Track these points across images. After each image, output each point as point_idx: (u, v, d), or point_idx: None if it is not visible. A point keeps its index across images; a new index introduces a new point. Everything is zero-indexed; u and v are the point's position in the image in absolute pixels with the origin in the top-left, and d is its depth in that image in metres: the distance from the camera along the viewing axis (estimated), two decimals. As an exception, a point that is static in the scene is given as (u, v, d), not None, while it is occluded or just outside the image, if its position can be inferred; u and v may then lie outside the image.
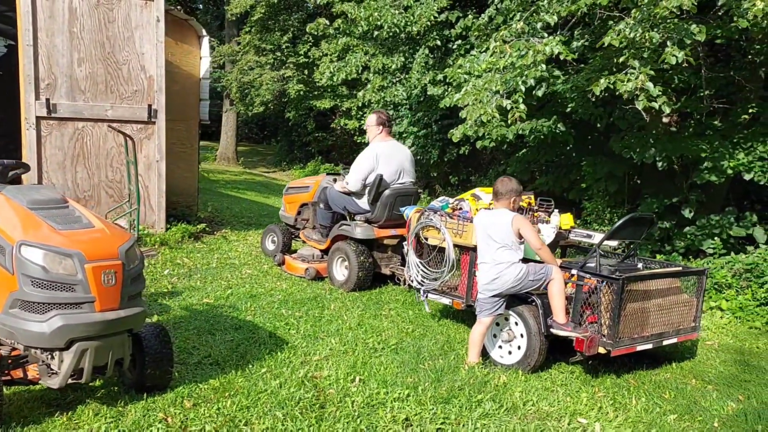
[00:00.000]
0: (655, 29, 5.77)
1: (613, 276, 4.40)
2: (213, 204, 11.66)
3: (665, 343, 4.81)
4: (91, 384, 3.80)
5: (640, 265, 5.15)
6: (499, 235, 4.66)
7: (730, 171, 7.69)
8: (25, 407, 3.52)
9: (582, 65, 8.41)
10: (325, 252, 7.18)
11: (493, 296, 4.67)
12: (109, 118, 7.51)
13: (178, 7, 16.31)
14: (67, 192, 7.24)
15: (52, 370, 3.29)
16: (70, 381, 3.30)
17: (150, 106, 7.69)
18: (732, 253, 7.62)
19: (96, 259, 3.26)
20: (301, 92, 18.92)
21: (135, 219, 7.17)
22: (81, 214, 3.57)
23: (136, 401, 3.66)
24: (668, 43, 5.63)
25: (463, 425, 3.71)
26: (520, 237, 4.66)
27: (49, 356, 3.26)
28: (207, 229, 8.94)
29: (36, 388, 3.71)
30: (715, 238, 7.91)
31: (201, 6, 30.56)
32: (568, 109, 8.71)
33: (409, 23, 10.14)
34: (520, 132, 9.37)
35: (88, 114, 7.45)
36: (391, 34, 10.50)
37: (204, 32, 9.09)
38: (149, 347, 3.70)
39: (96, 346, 3.27)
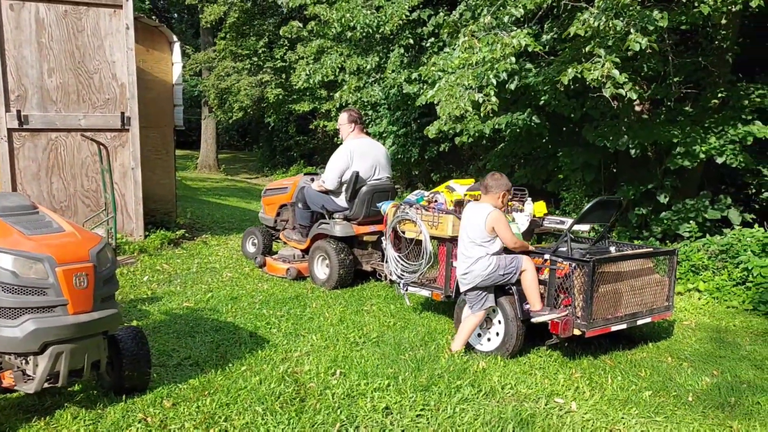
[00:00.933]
0: (619, 17, 5.86)
1: (584, 259, 4.47)
2: (193, 210, 11.63)
3: (639, 322, 4.89)
4: (68, 388, 3.80)
5: (612, 249, 5.23)
6: (472, 230, 4.70)
7: (702, 155, 7.81)
8: (2, 414, 3.51)
9: (552, 57, 8.51)
10: (305, 251, 7.20)
11: (472, 290, 4.71)
12: (82, 128, 7.48)
13: (153, 17, 16.27)
14: (43, 203, 7.20)
15: (27, 375, 3.29)
16: (46, 385, 3.30)
17: (123, 113, 7.68)
18: (708, 236, 7.74)
19: (67, 263, 3.26)
20: (280, 96, 18.93)
21: (112, 227, 7.14)
22: (51, 219, 3.57)
23: (115, 403, 3.66)
24: (632, 30, 5.72)
25: (443, 410, 3.76)
26: (495, 233, 4.70)
27: (24, 361, 3.26)
28: (187, 235, 8.93)
29: (13, 396, 3.70)
30: (691, 221, 8.03)
31: (175, 15, 30.46)
32: (542, 102, 8.80)
33: (381, 23, 10.18)
34: (497, 126, 9.45)
35: (60, 124, 7.42)
36: (364, 34, 10.53)
37: (175, 38, 9.08)
38: (126, 349, 3.70)
39: (71, 349, 3.27)
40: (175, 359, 4.47)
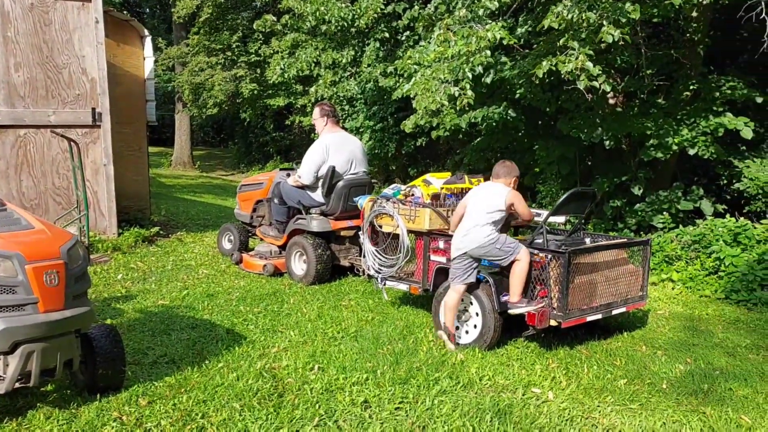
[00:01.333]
0: (592, 10, 5.90)
1: (560, 250, 4.50)
2: (168, 208, 11.50)
3: (614, 312, 4.94)
4: (42, 388, 3.72)
5: (587, 240, 5.28)
6: (487, 202, 4.73)
7: (675, 147, 7.92)
8: (-28, 416, 3.44)
9: (527, 51, 8.55)
10: (282, 247, 7.15)
11: (462, 257, 4.69)
12: (52, 124, 7.34)
13: (124, 11, 16.00)
14: (13, 201, 7.05)
15: (-2, 375, 3.22)
16: (17, 385, 3.23)
17: (94, 109, 7.54)
18: (681, 226, 7.86)
19: (37, 260, 3.20)
20: (255, 91, 18.75)
21: (85, 225, 7.02)
22: (20, 216, 3.50)
23: (90, 402, 3.61)
24: (604, 22, 5.77)
25: (421, 403, 3.76)
26: (509, 211, 4.77)
27: (-6, 361, 3.19)
28: (161, 232, 8.82)
29: (-17, 397, 3.62)
30: (664, 213, 8.15)
31: (147, 9, 30.04)
32: (517, 95, 8.85)
33: (356, 16, 10.14)
34: (473, 120, 9.49)
35: (29, 120, 7.27)
36: (339, 28, 10.49)
37: (146, 32, 8.94)
38: (100, 347, 3.64)
39: (42, 348, 3.21)
40: (150, 357, 4.41)
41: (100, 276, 6.61)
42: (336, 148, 6.68)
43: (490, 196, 4.77)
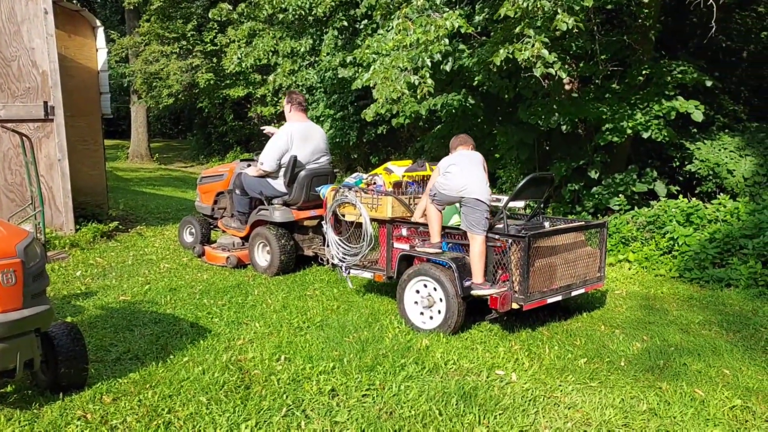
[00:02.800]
0: (547, -3, 5.98)
1: (520, 235, 4.60)
2: (126, 202, 11.29)
3: (574, 294, 5.08)
4: (1, 390, 3.65)
5: (546, 224, 5.39)
6: (484, 165, 5.16)
7: (629, 131, 8.11)
8: (-71, 421, 3.35)
9: (485, 38, 8.62)
10: (245, 239, 7.11)
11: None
12: (1, 119, 7.12)
13: (74, 1, 15.53)
14: (-37, 199, 6.84)
15: (-46, 378, 3.15)
16: (-24, 388, 3.17)
17: (46, 103, 7.34)
18: (636, 208, 8.07)
19: (-8, 259, 3.12)
20: (212, 81, 18.45)
21: (40, 222, 6.86)
22: (-27, 214, 3.41)
23: (52, 402, 3.56)
24: (558, 10, 5.86)
25: (388, 389, 3.81)
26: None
27: (-50, 364, 3.12)
28: (120, 227, 8.67)
29: (-60, 401, 3.53)
30: (620, 195, 8.35)
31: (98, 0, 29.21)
32: (476, 83, 8.92)
33: (314, 5, 10.07)
34: (432, 107, 9.54)
35: (-22, 115, 7.05)
36: (296, 16, 10.41)
37: (98, 23, 8.73)
38: (61, 346, 3.58)
39: (1, 349, 3.15)
40: (113, 354, 4.36)
41: (58, 273, 6.47)
42: (300, 138, 6.65)
43: (483, 161, 5.13)
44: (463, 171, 4.88)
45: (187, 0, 19.41)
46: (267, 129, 7.22)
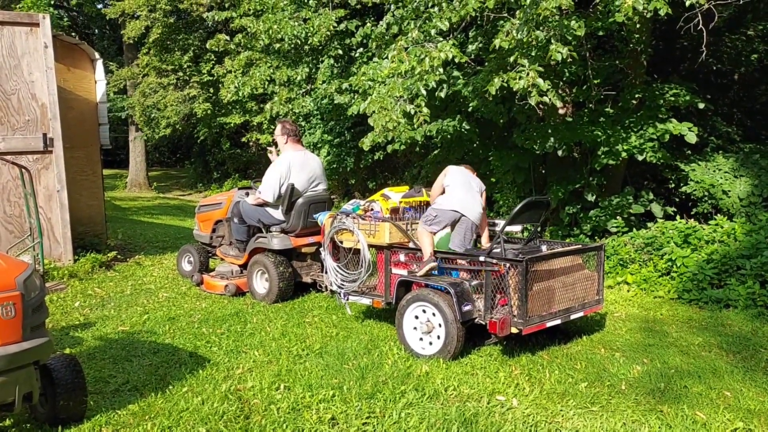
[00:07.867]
0: (540, 28, 6.08)
1: (517, 259, 4.62)
2: (124, 231, 11.29)
3: (573, 317, 5.08)
4: (0, 424, 3.63)
5: (543, 248, 5.42)
6: (478, 183, 5.81)
7: (624, 154, 8.17)
8: (-73, 456, 3.33)
9: (479, 67, 8.74)
10: (243, 267, 7.11)
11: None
12: (1, 151, 7.16)
13: (73, 34, 15.73)
14: (-38, 231, 6.85)
15: (-47, 412, 3.14)
16: (-26, 422, 3.16)
17: (45, 134, 7.40)
18: (634, 230, 8.11)
19: (-9, 292, 3.13)
20: (208, 111, 18.61)
21: (39, 253, 6.87)
22: (-28, 247, 3.42)
23: (51, 435, 3.53)
24: (552, 40, 5.95)
25: (388, 416, 3.80)
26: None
27: (-51, 398, 3.11)
28: (119, 256, 8.67)
29: (-62, 436, 3.51)
30: (618, 217, 8.39)
31: (96, 31, 29.53)
32: (471, 108, 9.02)
33: (309, 34, 10.19)
34: (428, 133, 9.62)
35: (-23, 148, 7.09)
36: (292, 46, 10.52)
37: (97, 55, 8.83)
38: (60, 378, 3.57)
39: (0, 382, 3.14)
40: (112, 385, 4.34)
41: (57, 304, 6.46)
42: (298, 166, 6.70)
43: (477, 184, 5.65)
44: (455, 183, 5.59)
45: (184, 31, 19.65)
46: (272, 153, 7.25)
